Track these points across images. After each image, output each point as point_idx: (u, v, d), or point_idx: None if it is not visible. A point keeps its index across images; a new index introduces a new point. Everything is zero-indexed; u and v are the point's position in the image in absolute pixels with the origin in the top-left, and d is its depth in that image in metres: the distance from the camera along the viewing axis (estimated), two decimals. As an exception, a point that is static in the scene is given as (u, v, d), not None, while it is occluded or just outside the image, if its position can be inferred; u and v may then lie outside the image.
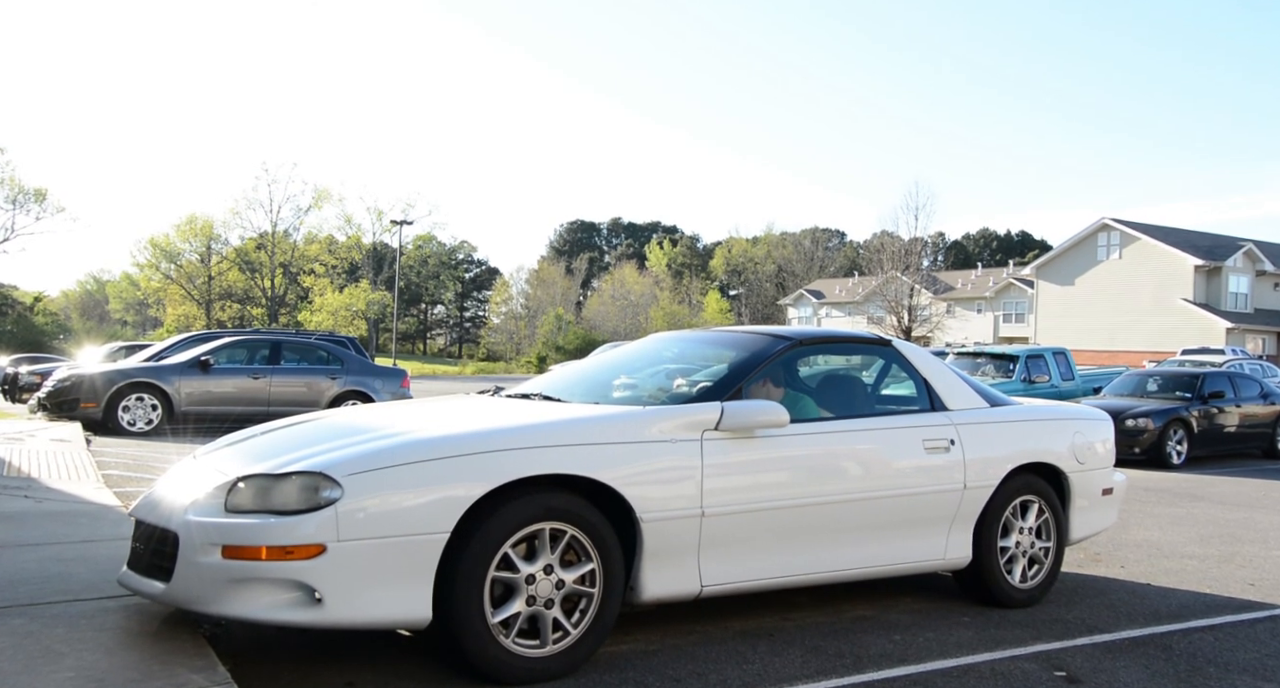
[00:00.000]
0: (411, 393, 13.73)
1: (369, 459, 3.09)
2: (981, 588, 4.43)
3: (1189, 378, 12.95)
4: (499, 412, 3.82)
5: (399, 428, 3.47)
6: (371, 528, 2.98)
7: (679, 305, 69.78)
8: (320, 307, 61.45)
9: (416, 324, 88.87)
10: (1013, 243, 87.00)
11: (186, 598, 3.05)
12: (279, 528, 2.94)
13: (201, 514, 3.08)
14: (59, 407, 11.75)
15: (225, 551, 2.96)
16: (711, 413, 3.63)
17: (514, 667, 3.15)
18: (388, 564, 2.99)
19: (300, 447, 3.34)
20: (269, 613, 2.97)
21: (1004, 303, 55.50)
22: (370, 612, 3.00)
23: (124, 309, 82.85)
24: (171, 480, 3.54)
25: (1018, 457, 4.47)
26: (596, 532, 3.31)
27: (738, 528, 3.63)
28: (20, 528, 4.97)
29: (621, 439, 3.43)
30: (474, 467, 3.13)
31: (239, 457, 3.45)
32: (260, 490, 3.07)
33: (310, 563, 2.91)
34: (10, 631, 3.17)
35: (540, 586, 3.21)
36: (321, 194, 65.94)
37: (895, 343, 4.64)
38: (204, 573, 2.99)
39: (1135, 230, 40.80)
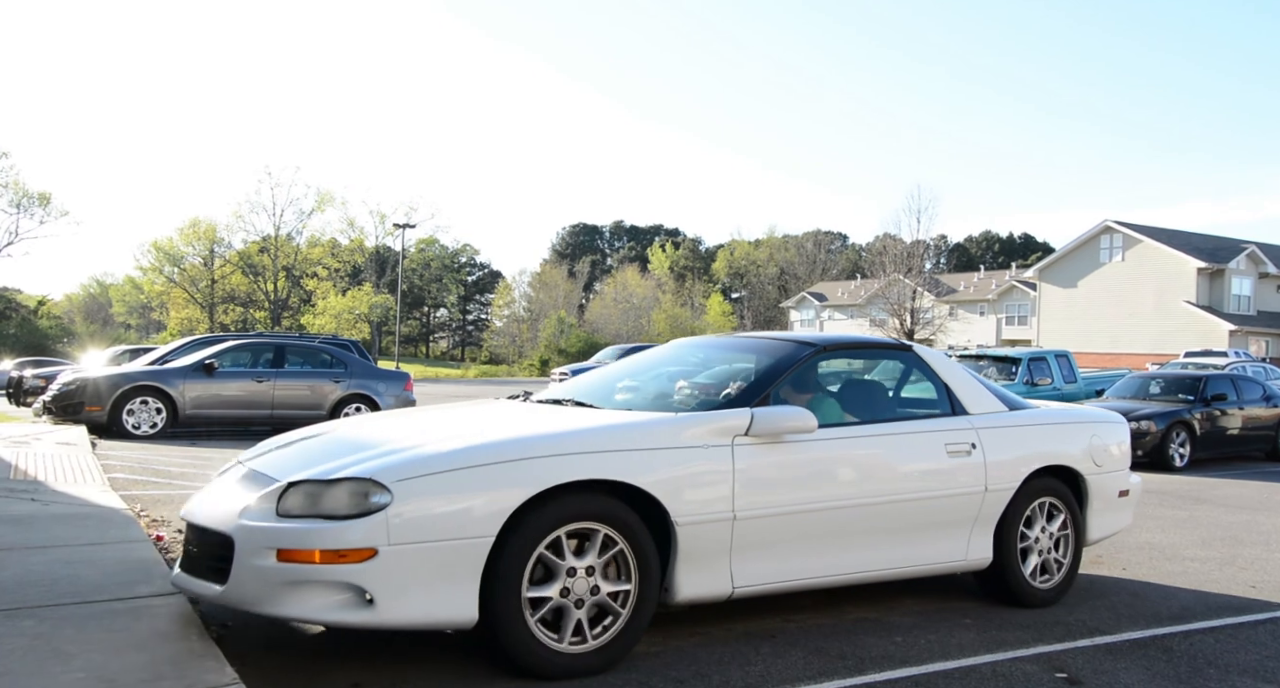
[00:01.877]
0: (414, 396, 13.76)
1: (416, 465, 3.18)
2: (1002, 588, 4.50)
3: (1191, 380, 12.96)
4: (536, 418, 3.91)
5: (441, 435, 3.56)
6: (420, 532, 3.07)
7: (681, 308, 69.77)
8: (323, 310, 61.55)
9: (419, 327, 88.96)
10: (1015, 245, 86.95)
11: (242, 600, 3.14)
12: (332, 532, 3.04)
13: (254, 519, 3.17)
14: (64, 410, 11.80)
15: (280, 554, 3.05)
16: (742, 419, 3.72)
17: (553, 663, 3.24)
18: (436, 567, 3.08)
19: (345, 453, 3.43)
20: (322, 614, 3.07)
21: (1006, 305, 55.46)
22: (419, 613, 3.09)
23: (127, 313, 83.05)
24: (221, 485, 3.62)
25: (1037, 460, 4.55)
26: (632, 533, 3.39)
27: (768, 531, 3.72)
28: (28, 531, 5.00)
29: (657, 445, 3.53)
30: (518, 472, 3.23)
31: (286, 462, 3.54)
32: (310, 496, 3.16)
33: (362, 566, 3.01)
34: (20, 632, 3.20)
35: (577, 585, 3.30)
36: (324, 197, 66.10)
37: (915, 348, 4.74)
38: (259, 576, 3.08)
39: (1138, 233, 40.78)
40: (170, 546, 5.14)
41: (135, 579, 4.01)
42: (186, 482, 7.78)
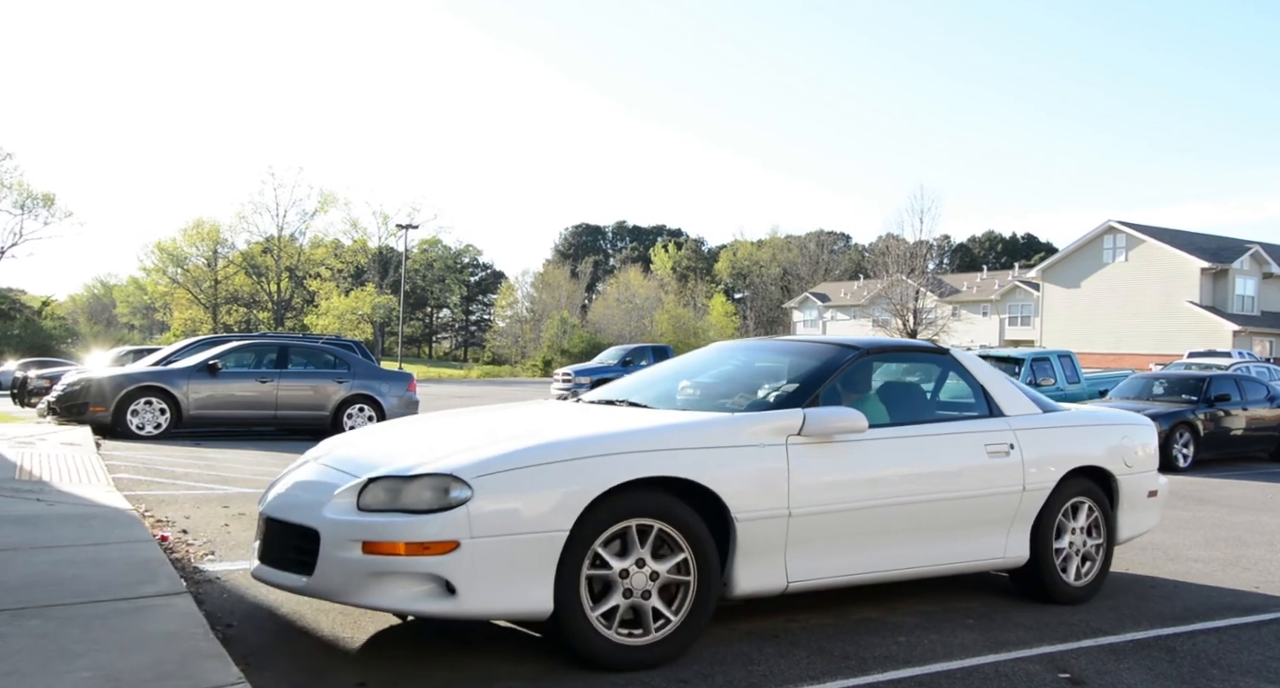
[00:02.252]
0: (418, 397, 13.78)
1: (495, 463, 3.30)
2: (1038, 586, 4.61)
3: (1195, 381, 12.94)
4: (599, 417, 4.04)
5: (509, 433, 3.68)
6: (499, 526, 3.20)
7: (684, 309, 69.76)
8: (326, 310, 61.64)
9: (422, 328, 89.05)
10: (1018, 245, 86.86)
11: (328, 590, 3.27)
12: (416, 525, 3.16)
13: (338, 513, 3.30)
14: (68, 411, 11.83)
15: (365, 546, 3.17)
16: (795, 419, 3.84)
17: (614, 655, 3.35)
18: (514, 560, 3.20)
19: (417, 450, 3.55)
20: (406, 604, 3.19)
21: (1010, 306, 55.41)
22: (498, 603, 3.21)
23: (131, 313, 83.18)
24: (297, 481, 3.73)
25: (1072, 460, 4.67)
26: (690, 529, 3.49)
27: (820, 528, 3.83)
28: (33, 531, 5.02)
29: (717, 443, 3.66)
30: (590, 469, 3.35)
31: (359, 459, 3.65)
32: (391, 491, 3.28)
33: (445, 558, 3.13)
34: (27, 631, 3.21)
35: (636, 579, 3.41)
36: (327, 198, 66.21)
37: (952, 352, 4.89)
38: (345, 567, 3.20)
39: (1141, 233, 40.73)
40: (175, 546, 5.16)
41: (140, 579, 4.02)
42: (191, 482, 7.81)
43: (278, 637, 3.67)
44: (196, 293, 64.34)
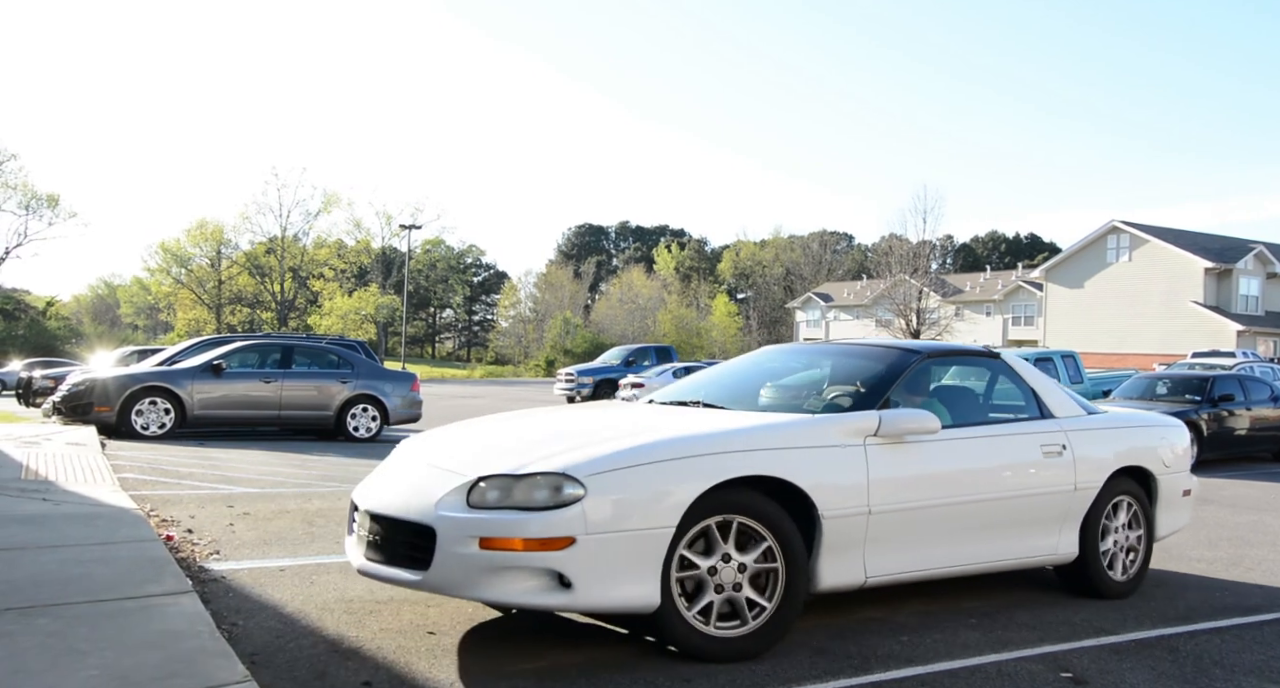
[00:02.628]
0: (421, 397, 13.80)
1: (606, 462, 3.43)
2: (1085, 582, 4.77)
3: (1199, 381, 12.93)
4: (686, 418, 4.12)
5: (607, 433, 3.79)
6: (612, 522, 3.32)
7: (687, 309, 69.77)
8: (329, 311, 61.73)
9: (425, 328, 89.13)
10: (1021, 245, 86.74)
11: (444, 585, 3.37)
12: (533, 522, 3.28)
13: (452, 510, 3.40)
14: (73, 411, 11.87)
15: (482, 542, 3.28)
16: (872, 420, 4.01)
17: (706, 647, 3.48)
18: (625, 555, 3.33)
19: (519, 450, 3.67)
20: (523, 598, 3.31)
21: (1013, 306, 55.33)
22: (611, 597, 3.33)
23: (135, 313, 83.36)
24: (400, 480, 3.80)
25: (1118, 460, 4.86)
26: (777, 525, 3.62)
27: (896, 525, 3.98)
28: (40, 530, 5.05)
29: (804, 444, 3.82)
30: (694, 467, 3.49)
31: (460, 458, 3.75)
32: (502, 489, 3.40)
33: (561, 553, 3.25)
34: (35, 630, 3.24)
35: (725, 573, 3.53)
36: (331, 199, 66.35)
37: (1003, 355, 5.06)
38: (462, 563, 3.31)
39: (1145, 233, 40.66)
40: (180, 545, 5.18)
41: (146, 578, 4.05)
42: (195, 482, 7.84)
43: (283, 636, 3.69)
44: (200, 293, 64.45)
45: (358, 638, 3.69)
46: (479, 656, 3.54)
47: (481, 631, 3.85)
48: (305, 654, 3.48)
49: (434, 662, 3.44)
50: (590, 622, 4.02)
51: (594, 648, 3.68)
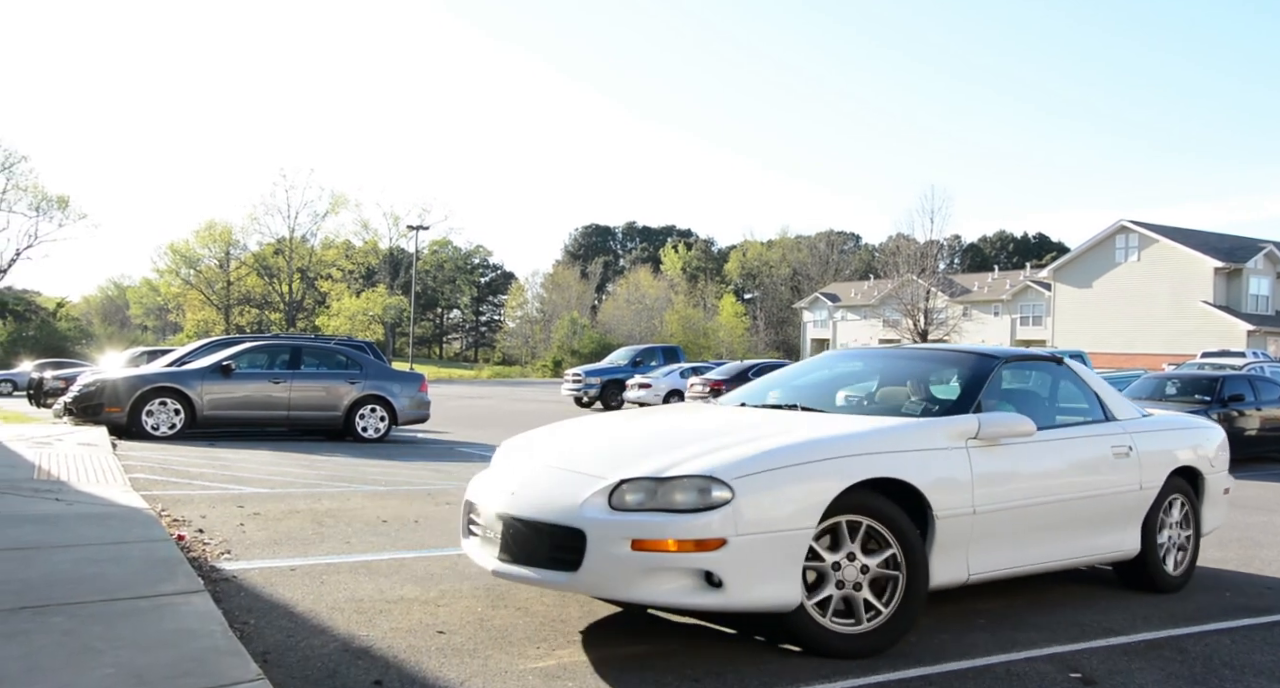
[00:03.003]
0: (429, 397, 13.84)
1: (749, 464, 3.52)
2: (1145, 577, 4.95)
3: (1208, 381, 12.87)
4: (800, 422, 4.18)
5: (734, 436, 3.87)
6: (759, 524, 3.42)
7: (694, 309, 69.74)
8: (337, 311, 61.89)
9: (432, 328, 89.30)
10: (1029, 245, 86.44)
11: (595, 586, 3.46)
12: (688, 524, 3.36)
13: (599, 513, 3.47)
14: (85, 411, 11.94)
15: (634, 544, 3.36)
16: (972, 424, 4.15)
17: (830, 643, 3.59)
18: (771, 555, 3.43)
19: (654, 452, 3.74)
20: (675, 598, 3.40)
21: (1021, 306, 55.16)
22: (758, 596, 3.43)
23: (144, 314, 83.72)
24: (529, 482, 3.84)
25: (1175, 461, 5.09)
26: (899, 526, 3.72)
27: (995, 524, 4.12)
28: (53, 530, 5.09)
29: (917, 447, 3.95)
30: (828, 471, 3.61)
31: (590, 460, 3.83)
32: (646, 491, 3.48)
33: (713, 554, 3.34)
34: (50, 629, 3.27)
35: (848, 571, 3.64)
36: (338, 200, 66.57)
37: (1066, 361, 5.21)
38: (614, 564, 3.38)
39: (1154, 232, 40.49)
40: (191, 545, 5.22)
41: (159, 578, 4.08)
42: (205, 482, 7.88)
43: (294, 635, 3.71)
44: (209, 294, 64.69)
45: (368, 637, 3.72)
46: (488, 655, 3.55)
47: (490, 631, 3.87)
48: (316, 653, 3.50)
49: (444, 661, 3.46)
50: (598, 621, 4.04)
51: (603, 648, 3.69)
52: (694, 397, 20.46)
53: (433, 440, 13.68)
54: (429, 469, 9.66)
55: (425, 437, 14.17)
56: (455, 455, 11.35)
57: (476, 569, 4.94)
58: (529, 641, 3.75)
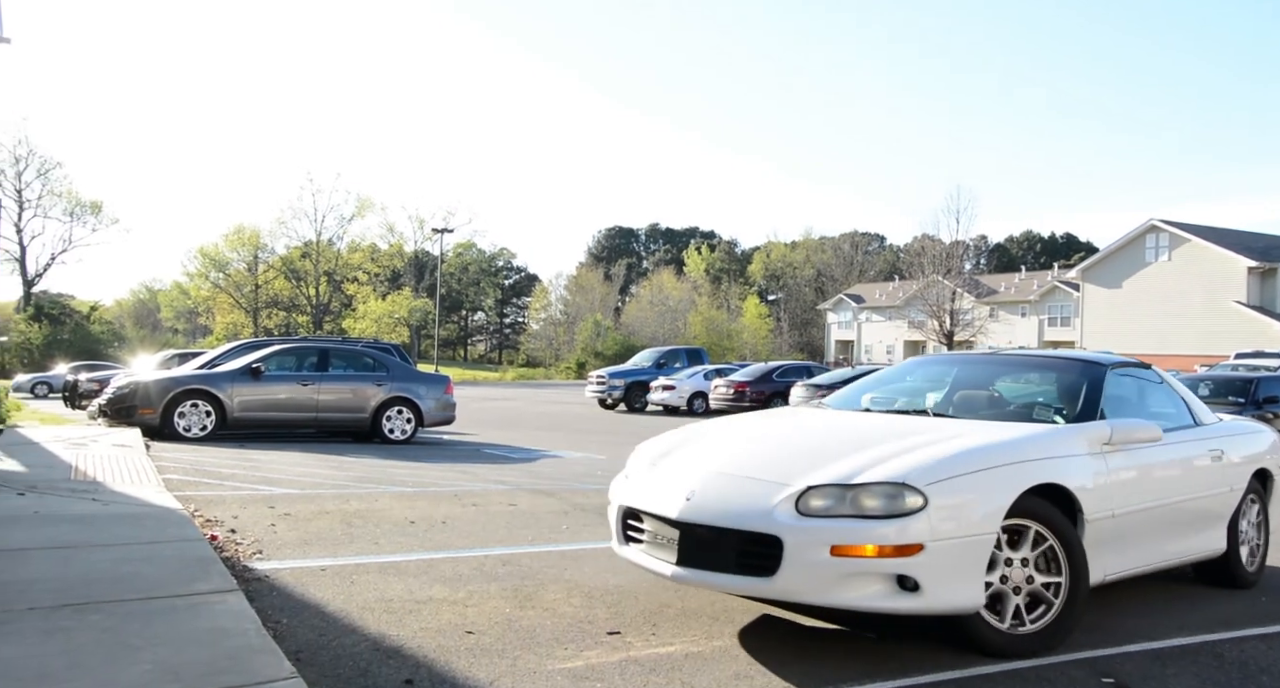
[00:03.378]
0: (454, 399, 13.92)
1: (938, 469, 3.61)
2: (1225, 574, 5.13)
3: (1242, 382, 12.67)
4: (949, 428, 4.25)
5: (905, 442, 3.93)
6: (951, 529, 3.51)
7: (717, 311, 69.60)
8: (363, 314, 62.47)
9: (457, 331, 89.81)
10: (1057, 245, 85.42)
11: (794, 591, 3.52)
12: (887, 530, 3.43)
13: (791, 519, 3.53)
14: (118, 413, 12.14)
15: (834, 549, 3.43)
16: (1105, 430, 4.28)
17: (997, 643, 3.68)
18: (962, 559, 3.53)
19: (829, 457, 3.82)
20: (873, 602, 3.47)
21: (1049, 306, 54.52)
22: (950, 599, 3.51)
23: (175, 317, 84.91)
24: (707, 490, 3.84)
25: (1255, 462, 5.33)
26: (1060, 529, 3.84)
27: (1126, 527, 4.25)
28: (90, 529, 5.19)
29: (1066, 453, 4.06)
30: (1004, 477, 3.71)
31: (767, 466, 3.90)
32: (835, 497, 3.55)
33: (912, 559, 3.42)
34: (89, 626, 3.33)
35: (1014, 573, 3.73)
36: (364, 203, 67.15)
37: (1153, 367, 5.44)
38: (812, 569, 3.45)
39: (1185, 232, 39.86)
40: (224, 545, 5.30)
41: (194, 577, 4.15)
42: (237, 483, 7.99)
43: (326, 634, 3.76)
44: (238, 297, 65.52)
45: (398, 637, 3.75)
46: (517, 656, 3.58)
47: (519, 631, 3.90)
48: (348, 652, 3.54)
49: (473, 661, 3.49)
50: (625, 622, 4.05)
51: (630, 649, 3.70)
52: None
53: (458, 442, 13.77)
54: (455, 471, 9.73)
55: (451, 439, 14.26)
56: (481, 457, 11.42)
57: (505, 570, 4.98)
58: (557, 642, 3.77)
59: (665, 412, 23.84)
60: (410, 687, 3.20)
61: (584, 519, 6.82)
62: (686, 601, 4.47)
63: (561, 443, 13.99)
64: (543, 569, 5.05)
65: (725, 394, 21.95)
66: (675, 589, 4.67)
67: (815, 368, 24.93)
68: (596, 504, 7.56)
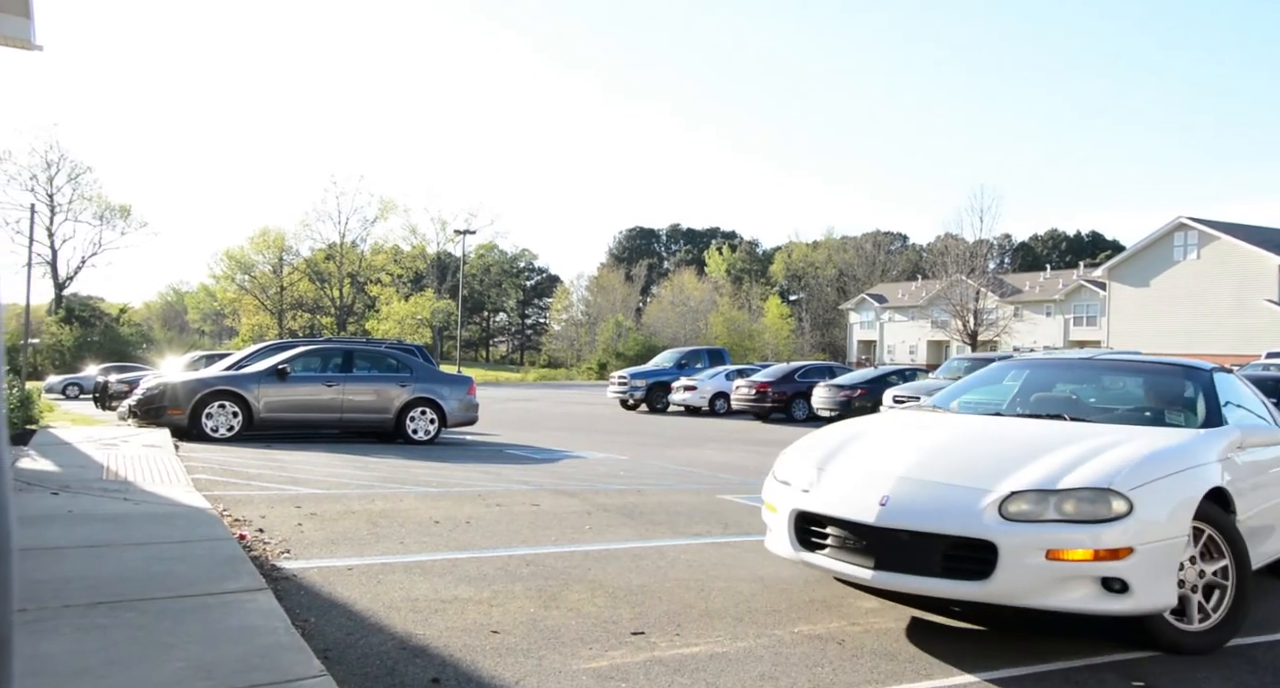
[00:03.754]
0: (478, 400, 14.00)
1: (1136, 474, 3.71)
2: None
3: (1273, 382, 12.44)
4: (1106, 433, 4.34)
5: (1080, 447, 4.03)
6: (1154, 532, 3.62)
7: (739, 311, 69.48)
8: (387, 315, 62.95)
9: (479, 332, 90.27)
10: (1083, 244, 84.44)
11: (1008, 595, 3.60)
12: (1108, 533, 3.54)
13: (1001, 524, 3.62)
14: (148, 414, 12.32)
15: (1048, 554, 3.53)
16: (1236, 434, 4.45)
17: (1177, 640, 3.81)
18: (1163, 561, 3.64)
19: (1017, 462, 3.91)
20: (1084, 604, 3.58)
21: (1074, 305, 53.90)
22: (1152, 599, 3.61)
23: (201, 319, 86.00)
24: (904, 494, 3.89)
25: None
26: (1228, 531, 3.97)
27: (1257, 526, 4.40)
28: (122, 528, 5.28)
29: (1220, 457, 4.22)
30: (1189, 481, 3.87)
31: (959, 472, 3.97)
32: (1039, 502, 3.66)
33: (1123, 563, 3.54)
34: (124, 623, 3.40)
35: (1188, 574, 3.85)
36: (387, 205, 67.75)
37: (1233, 370, 5.56)
38: (1028, 574, 3.56)
39: (1215, 229, 39.25)
40: (252, 544, 5.36)
41: (224, 575, 4.21)
42: (264, 483, 8.08)
43: (353, 633, 3.80)
44: (263, 299, 66.24)
45: (425, 636, 3.79)
46: (542, 655, 3.60)
47: (543, 631, 3.92)
48: (375, 651, 3.58)
49: (499, 660, 3.52)
50: (650, 623, 4.06)
51: (655, 649, 3.71)
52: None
53: (481, 443, 13.84)
54: (479, 471, 9.79)
55: (474, 439, 14.34)
56: (504, 458, 11.48)
57: (529, 570, 5.01)
58: (581, 641, 3.78)
59: (687, 412, 23.82)
60: (437, 685, 3.23)
61: (607, 520, 6.84)
62: (710, 601, 4.48)
63: (583, 444, 14.02)
64: (566, 569, 5.08)
65: (747, 395, 21.89)
66: (699, 590, 4.68)
67: (838, 368, 24.78)
68: (619, 505, 7.58)
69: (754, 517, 7.21)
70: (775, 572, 5.17)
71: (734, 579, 4.97)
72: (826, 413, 20.02)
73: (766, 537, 4.56)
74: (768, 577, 5.05)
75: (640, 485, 9.01)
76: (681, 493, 8.59)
